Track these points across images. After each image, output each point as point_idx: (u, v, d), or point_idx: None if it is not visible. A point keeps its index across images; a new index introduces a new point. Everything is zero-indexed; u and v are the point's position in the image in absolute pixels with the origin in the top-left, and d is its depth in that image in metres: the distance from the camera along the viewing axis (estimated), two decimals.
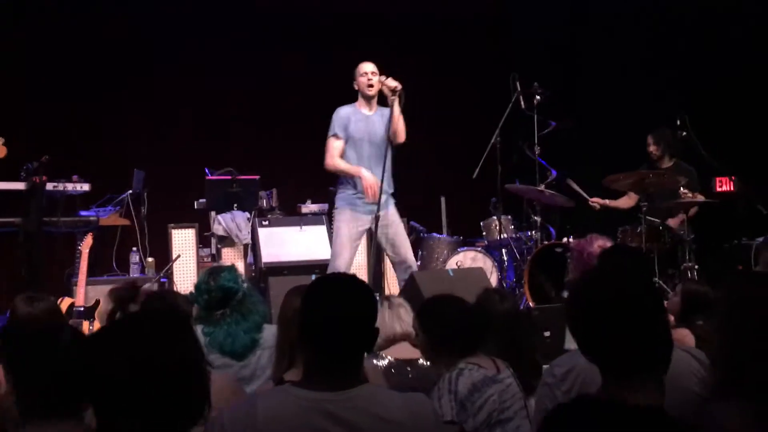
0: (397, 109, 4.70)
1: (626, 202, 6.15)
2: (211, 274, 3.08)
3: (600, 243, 3.51)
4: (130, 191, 6.07)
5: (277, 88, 7.82)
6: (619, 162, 5.89)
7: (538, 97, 5.94)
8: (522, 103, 6.00)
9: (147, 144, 7.26)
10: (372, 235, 4.84)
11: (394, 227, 4.89)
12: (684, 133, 5.54)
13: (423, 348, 2.77)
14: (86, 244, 5.14)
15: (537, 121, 5.98)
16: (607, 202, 6.14)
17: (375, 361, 2.89)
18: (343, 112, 4.87)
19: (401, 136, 4.82)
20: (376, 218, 4.63)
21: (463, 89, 8.45)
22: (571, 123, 6.10)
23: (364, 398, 1.79)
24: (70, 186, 5.46)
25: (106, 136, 7.19)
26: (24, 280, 5.16)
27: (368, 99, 4.86)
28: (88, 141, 7.09)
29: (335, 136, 4.83)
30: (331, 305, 1.81)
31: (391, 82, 4.71)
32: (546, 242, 5.91)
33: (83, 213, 5.71)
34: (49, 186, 5.30)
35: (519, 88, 5.98)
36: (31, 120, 6.95)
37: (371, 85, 4.77)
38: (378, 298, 2.34)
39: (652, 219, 5.53)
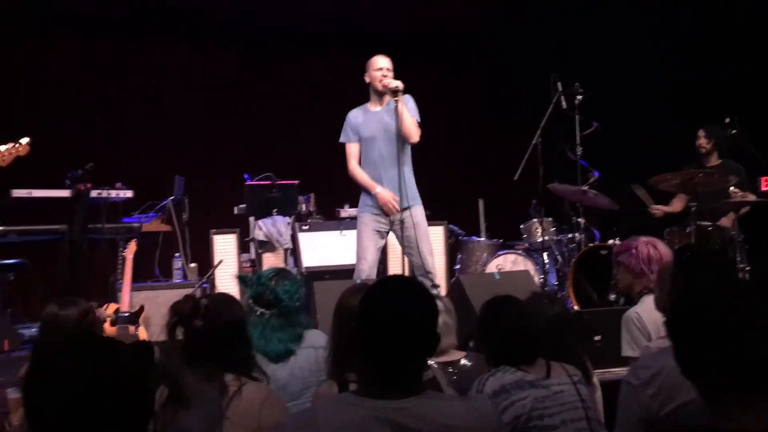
0: (401, 109, 4.55)
1: (678, 205, 5.97)
2: (279, 274, 2.99)
3: (644, 240, 3.48)
4: (172, 197, 6.10)
5: (309, 92, 7.84)
6: (660, 162, 5.75)
7: (579, 97, 5.85)
8: (563, 103, 5.91)
9: (187, 151, 7.32)
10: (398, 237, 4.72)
11: (417, 229, 4.66)
12: (734, 131, 5.37)
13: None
14: (130, 250, 5.19)
15: (578, 121, 5.89)
16: (667, 209, 5.95)
17: None
18: (350, 118, 4.80)
19: (412, 137, 4.62)
20: (400, 221, 4.55)
21: (499, 91, 8.39)
22: (597, 128, 5.96)
23: (427, 405, 1.75)
24: (113, 193, 5.49)
25: (147, 144, 7.27)
26: (66, 286, 5.20)
27: (379, 94, 4.72)
28: (131, 148, 7.18)
29: (347, 143, 4.79)
30: (391, 308, 1.75)
31: (392, 83, 4.57)
32: (591, 244, 5.79)
33: (126, 219, 5.75)
34: (93, 193, 5.33)
35: (560, 88, 5.89)
36: (75, 128, 7.07)
37: (383, 82, 4.64)
38: None
39: (702, 223, 5.36)
